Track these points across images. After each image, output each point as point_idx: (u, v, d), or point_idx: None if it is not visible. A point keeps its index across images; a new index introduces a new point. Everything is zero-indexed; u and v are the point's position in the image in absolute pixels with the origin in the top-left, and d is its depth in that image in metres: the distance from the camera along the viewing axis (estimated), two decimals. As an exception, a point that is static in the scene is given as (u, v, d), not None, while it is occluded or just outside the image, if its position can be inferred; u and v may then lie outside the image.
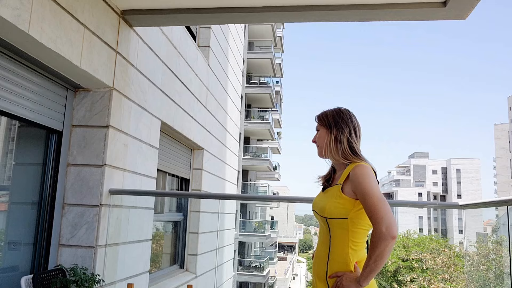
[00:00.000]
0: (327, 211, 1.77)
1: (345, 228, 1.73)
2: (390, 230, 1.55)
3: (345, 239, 1.74)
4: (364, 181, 1.68)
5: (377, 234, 1.56)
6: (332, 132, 1.90)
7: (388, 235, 1.54)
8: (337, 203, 1.76)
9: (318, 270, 1.80)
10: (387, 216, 1.58)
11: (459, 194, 75.13)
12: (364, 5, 3.03)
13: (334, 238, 1.76)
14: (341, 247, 1.75)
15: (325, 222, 1.79)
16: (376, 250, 1.56)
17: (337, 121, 1.91)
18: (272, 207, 52.34)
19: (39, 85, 2.95)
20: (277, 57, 30.21)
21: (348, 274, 1.70)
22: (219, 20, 3.76)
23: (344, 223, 1.73)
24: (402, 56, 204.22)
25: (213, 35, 6.63)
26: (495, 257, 12.63)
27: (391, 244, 1.55)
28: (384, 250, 1.55)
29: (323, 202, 1.83)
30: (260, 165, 27.73)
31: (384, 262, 1.60)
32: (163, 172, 5.11)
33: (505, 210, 2.79)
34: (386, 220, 1.56)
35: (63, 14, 2.69)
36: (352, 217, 1.73)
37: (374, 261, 1.57)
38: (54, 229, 3.14)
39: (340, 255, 1.74)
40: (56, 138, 3.20)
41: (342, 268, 1.72)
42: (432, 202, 3.31)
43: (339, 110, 1.96)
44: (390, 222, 1.56)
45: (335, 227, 1.76)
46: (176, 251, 5.79)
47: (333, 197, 1.79)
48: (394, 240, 1.56)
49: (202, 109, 6.01)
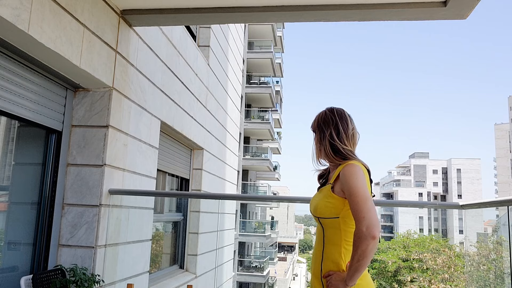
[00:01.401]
0: (318, 211, 1.80)
1: (338, 228, 1.76)
2: (370, 230, 1.54)
3: (338, 238, 1.76)
4: (350, 180, 1.69)
5: (358, 234, 1.57)
6: (316, 135, 1.95)
7: (368, 235, 1.54)
8: (328, 202, 1.78)
9: (314, 268, 1.84)
10: (368, 216, 1.57)
11: (460, 194, 75.13)
12: (364, 5, 3.03)
13: (328, 237, 1.79)
14: (334, 246, 1.77)
15: (318, 221, 1.83)
16: (358, 250, 1.57)
17: (319, 124, 1.94)
18: (272, 207, 52.36)
19: (39, 85, 2.95)
20: (277, 57, 30.21)
21: (337, 274, 1.71)
22: (219, 20, 3.76)
23: (335, 222, 1.76)
24: (402, 56, 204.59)
25: (213, 35, 6.63)
26: (495, 257, 12.62)
27: (372, 244, 1.55)
28: (365, 250, 1.55)
29: (315, 202, 1.86)
30: (260, 165, 27.73)
31: (368, 262, 1.59)
32: (163, 172, 5.11)
33: (505, 210, 2.79)
34: (367, 220, 1.56)
35: (62, 14, 2.69)
36: (343, 216, 1.75)
37: (357, 261, 1.58)
38: (54, 229, 3.14)
39: (333, 254, 1.76)
40: (56, 138, 3.19)
41: (334, 267, 1.75)
42: (432, 202, 3.31)
43: (324, 112, 1.96)
44: (371, 222, 1.55)
45: (328, 226, 1.79)
46: (176, 251, 5.79)
47: (325, 197, 1.82)
48: (374, 240, 1.55)
49: (202, 109, 6.01)
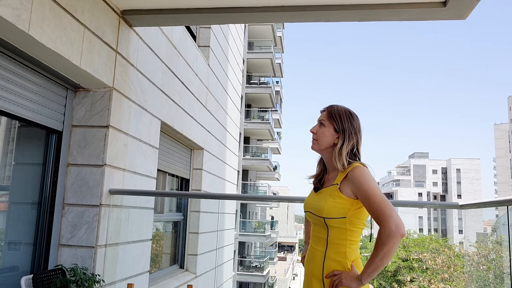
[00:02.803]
0: (325, 211, 1.77)
1: (343, 228, 1.76)
2: (399, 228, 1.59)
3: (343, 238, 1.76)
4: (366, 183, 1.70)
5: (387, 232, 1.59)
6: (340, 137, 1.84)
7: (398, 232, 1.58)
8: (335, 203, 1.76)
9: (314, 269, 1.81)
10: (394, 215, 1.62)
11: (459, 194, 75.18)
12: (364, 5, 3.03)
13: (332, 237, 1.78)
14: (338, 246, 1.76)
15: (322, 222, 1.79)
16: (384, 247, 1.59)
17: (349, 128, 1.84)
18: (272, 207, 52.34)
19: (39, 85, 2.95)
20: (277, 57, 30.21)
21: (347, 273, 1.72)
22: (219, 20, 3.76)
23: (342, 222, 1.75)
24: (402, 56, 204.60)
25: (213, 35, 6.63)
26: (495, 257, 12.63)
27: (398, 242, 1.60)
28: (392, 247, 1.59)
29: (319, 203, 1.82)
30: (260, 165, 27.73)
31: (389, 260, 1.63)
32: (163, 172, 5.11)
33: (505, 210, 2.80)
34: (395, 219, 1.60)
35: (63, 14, 2.69)
36: (350, 216, 1.75)
37: (381, 259, 1.60)
38: (54, 229, 3.14)
39: (338, 254, 1.76)
40: (56, 138, 3.20)
41: (339, 267, 1.75)
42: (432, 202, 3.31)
43: (351, 115, 1.87)
44: (398, 221, 1.60)
45: (333, 226, 1.77)
46: (176, 251, 5.79)
47: (331, 197, 1.79)
48: (402, 238, 1.60)
49: (202, 109, 6.01)
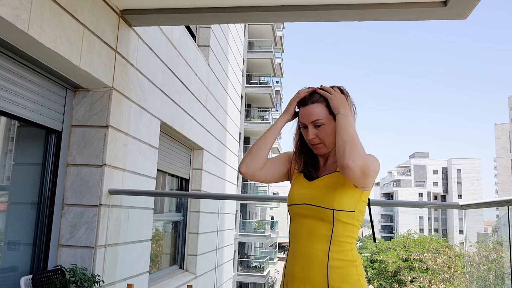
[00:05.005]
0: (336, 203, 1.51)
1: (350, 223, 1.53)
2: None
3: (348, 235, 1.53)
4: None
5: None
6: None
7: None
8: (345, 193, 1.52)
9: (311, 274, 1.52)
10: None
11: (460, 194, 75.14)
12: (364, 5, 3.03)
13: (336, 234, 1.52)
14: (343, 244, 1.52)
15: (328, 215, 1.52)
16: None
17: (351, 104, 1.62)
18: (272, 207, 52.30)
19: (39, 85, 2.94)
20: (277, 57, 30.23)
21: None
22: (219, 20, 3.76)
23: (350, 216, 1.53)
24: (402, 56, 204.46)
25: (213, 34, 6.63)
26: (495, 258, 12.62)
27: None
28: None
29: (325, 193, 1.55)
30: (260, 165, 27.64)
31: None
32: (163, 172, 5.11)
33: (505, 210, 2.79)
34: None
35: (62, 13, 2.69)
36: (359, 210, 1.55)
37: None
38: (54, 229, 3.14)
39: (343, 253, 1.52)
40: (56, 138, 3.19)
41: (346, 270, 1.51)
42: (432, 202, 3.30)
43: (343, 91, 1.63)
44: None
45: (340, 221, 1.52)
46: (176, 251, 5.79)
47: (339, 187, 1.54)
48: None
49: (202, 109, 6.01)
